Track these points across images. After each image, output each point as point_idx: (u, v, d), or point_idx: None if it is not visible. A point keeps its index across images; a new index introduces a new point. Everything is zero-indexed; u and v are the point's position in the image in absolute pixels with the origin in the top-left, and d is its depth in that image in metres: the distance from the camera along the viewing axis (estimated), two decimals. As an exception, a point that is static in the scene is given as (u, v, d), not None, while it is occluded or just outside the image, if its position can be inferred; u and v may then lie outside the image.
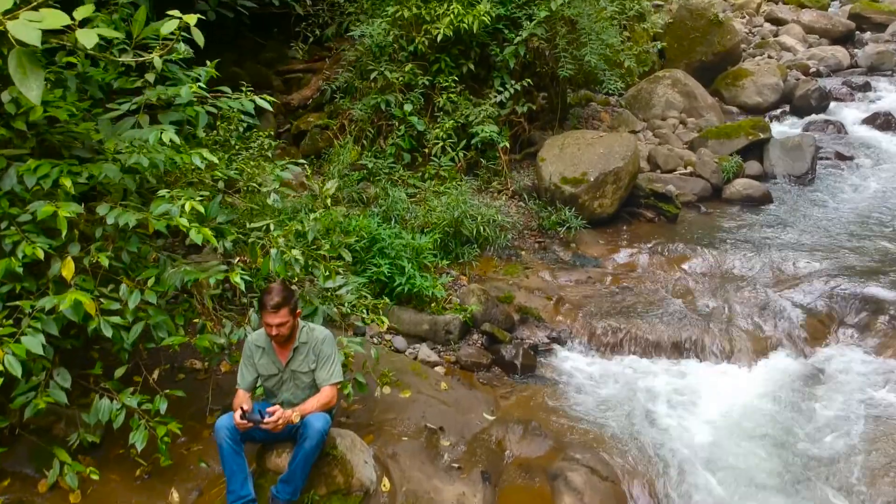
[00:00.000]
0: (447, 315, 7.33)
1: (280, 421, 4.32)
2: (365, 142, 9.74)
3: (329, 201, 7.02)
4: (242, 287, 4.84)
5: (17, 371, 4.18)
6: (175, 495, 4.85)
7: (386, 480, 5.18)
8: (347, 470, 4.86)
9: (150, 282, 4.88)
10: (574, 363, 7.48)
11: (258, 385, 4.77)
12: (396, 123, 9.73)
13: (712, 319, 7.88)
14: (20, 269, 4.52)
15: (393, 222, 8.12)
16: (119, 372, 4.87)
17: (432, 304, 7.33)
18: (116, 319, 4.67)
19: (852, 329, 7.92)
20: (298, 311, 4.59)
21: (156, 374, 5.09)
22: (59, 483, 4.65)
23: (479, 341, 7.35)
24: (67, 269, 4.62)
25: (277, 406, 4.37)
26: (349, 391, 5.41)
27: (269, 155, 6.85)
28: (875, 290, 8.42)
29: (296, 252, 5.15)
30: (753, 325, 7.86)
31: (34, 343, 4.29)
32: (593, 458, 5.83)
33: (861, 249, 9.27)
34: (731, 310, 8.06)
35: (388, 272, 7.23)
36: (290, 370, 4.63)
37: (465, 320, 7.34)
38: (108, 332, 4.63)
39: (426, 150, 9.75)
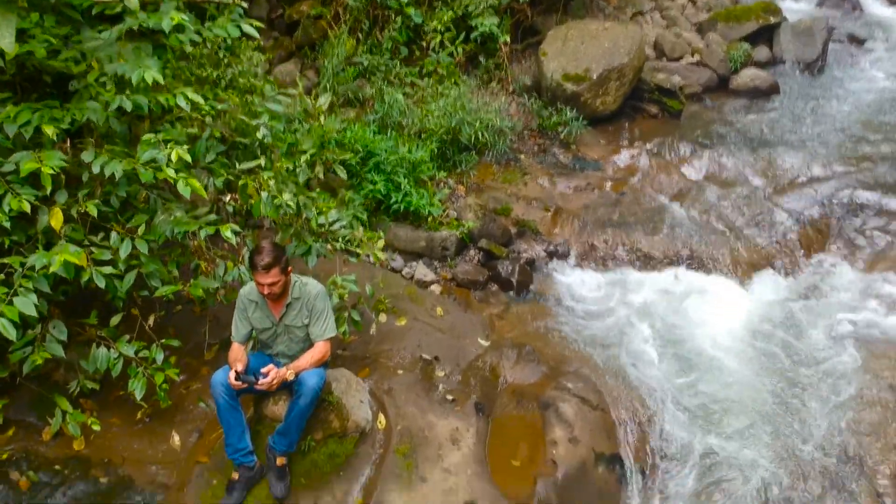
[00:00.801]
0: (444, 231, 7.30)
1: (275, 381, 4.38)
2: (360, 34, 9.34)
3: (323, 118, 6.82)
4: (234, 241, 4.78)
5: (12, 334, 4.20)
6: (176, 438, 5.00)
7: (382, 417, 5.32)
8: (343, 414, 4.98)
9: (141, 229, 4.82)
10: (570, 278, 7.52)
11: (252, 337, 4.80)
12: (392, 15, 9.30)
13: (709, 230, 7.86)
14: (7, 224, 4.44)
15: (389, 131, 7.91)
16: (115, 320, 4.90)
17: (429, 220, 7.28)
18: (109, 269, 4.64)
19: (848, 240, 7.90)
20: (290, 268, 4.55)
21: (151, 321, 5.11)
22: (63, 430, 4.76)
23: (476, 258, 7.35)
24: (56, 220, 4.55)
25: (271, 366, 4.42)
26: (345, 329, 5.45)
27: (259, 71, 6.58)
28: (874, 196, 8.35)
29: (287, 196, 5.06)
30: (749, 236, 7.84)
31: (27, 304, 4.28)
32: (585, 388, 5.96)
33: (864, 151, 9.11)
34: (728, 220, 8.02)
35: (385, 189, 7.12)
36: (283, 325, 4.66)
37: (461, 237, 7.31)
38: (101, 283, 4.62)
39: (424, 44, 9.36)
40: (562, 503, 5.24)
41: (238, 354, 4.54)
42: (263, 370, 4.32)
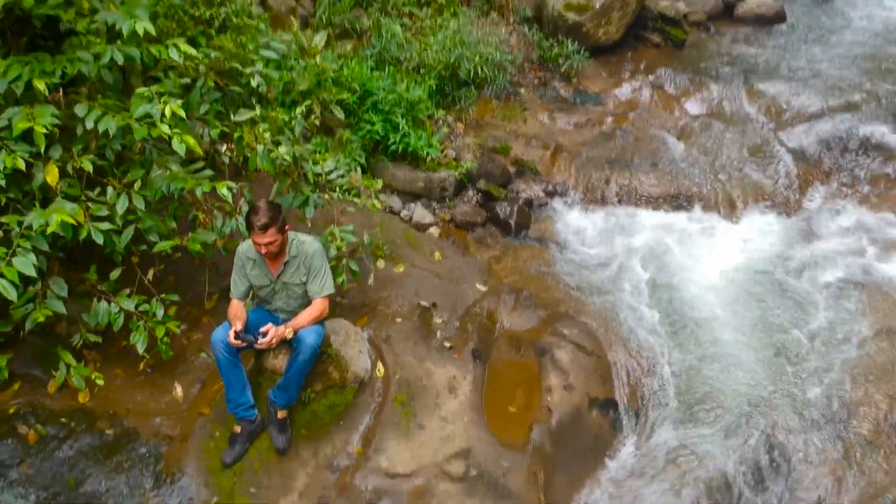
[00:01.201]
0: (442, 172, 7.27)
1: (274, 340, 4.44)
2: (357, -44, 9.06)
3: (318, 58, 6.72)
4: (230, 199, 4.77)
5: (13, 295, 4.24)
6: (178, 390, 5.10)
7: (380, 366, 5.41)
8: (342, 366, 5.07)
9: (137, 185, 4.80)
10: (569, 218, 7.53)
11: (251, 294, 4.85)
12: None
13: (708, 168, 7.83)
14: (2, 181, 4.43)
15: (387, 67, 7.77)
16: (114, 274, 4.93)
17: (428, 161, 7.23)
18: (106, 225, 4.65)
19: (849, 179, 7.87)
20: (287, 227, 4.56)
21: (150, 274, 5.14)
22: (68, 382, 4.85)
23: (475, 199, 7.34)
24: (52, 176, 4.54)
25: (270, 325, 4.47)
26: (343, 279, 5.49)
27: (254, 10, 6.44)
28: (880, 133, 8.27)
29: (283, 149, 5.03)
30: (749, 174, 7.82)
31: (26, 264, 4.30)
32: (580, 334, 6.04)
33: (871, 85, 8.96)
34: (729, 157, 7.98)
35: (383, 130, 7.05)
36: (281, 282, 4.69)
37: (460, 178, 7.29)
38: (100, 239, 4.64)
39: (423, -30, 9.11)
40: (556, 449, 5.36)
41: (237, 311, 4.59)
42: (262, 329, 4.38)
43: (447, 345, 5.73)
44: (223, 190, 4.68)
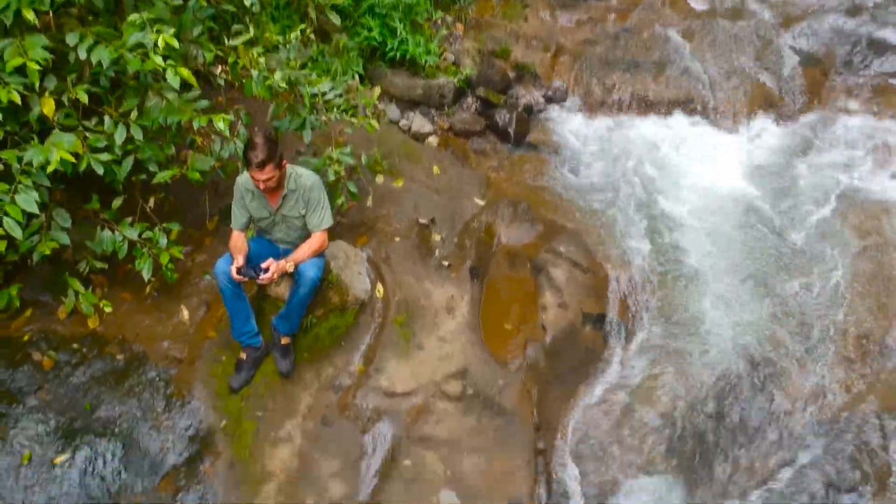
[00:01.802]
0: (441, 79, 7.18)
1: (275, 275, 4.56)
2: None
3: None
4: (227, 133, 4.77)
5: (18, 233, 4.33)
6: (184, 313, 5.27)
7: (380, 286, 5.56)
8: (342, 290, 5.22)
9: (133, 115, 4.80)
10: (568, 125, 7.49)
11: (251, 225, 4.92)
12: None
13: (711, 71, 7.74)
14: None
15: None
16: (116, 203, 4.99)
17: (426, 68, 7.13)
18: (105, 156, 4.69)
19: (855, 83, 7.76)
20: (284, 162, 4.58)
21: (151, 202, 5.21)
22: (77, 308, 5.01)
23: (474, 106, 7.29)
24: (48, 108, 4.54)
25: (271, 260, 4.58)
26: (342, 200, 5.56)
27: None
28: (888, 34, 8.06)
29: (278, 75, 4.98)
30: (753, 78, 7.73)
31: (28, 201, 4.37)
32: (576, 250, 6.15)
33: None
34: (733, 58, 7.85)
35: (380, 36, 6.92)
36: (281, 214, 4.76)
37: (459, 84, 7.22)
38: (100, 170, 4.68)
39: None
40: (550, 365, 5.58)
41: (238, 243, 4.68)
42: (263, 265, 4.48)
43: (445, 263, 5.85)
44: (219, 124, 4.67)
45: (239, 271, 4.46)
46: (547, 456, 5.27)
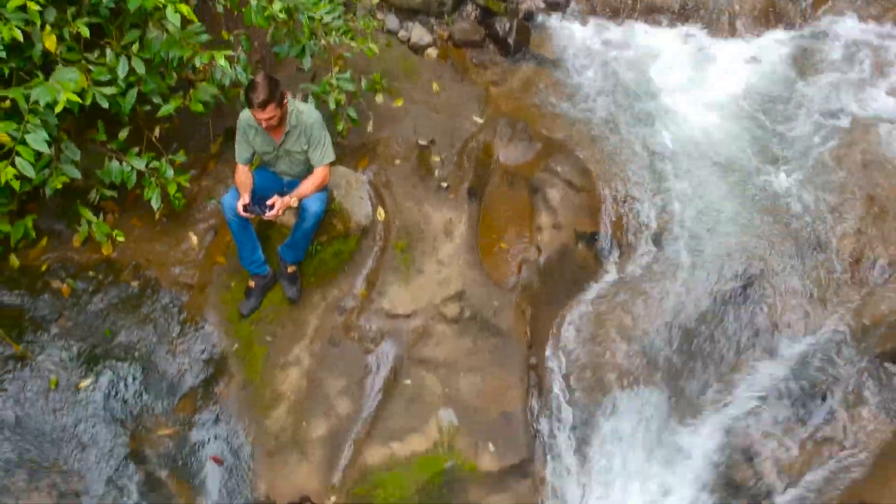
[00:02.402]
0: (440, -15, 7.09)
1: (280, 211, 4.76)
2: None
3: None
4: (228, 69, 4.85)
5: (31, 172, 4.52)
6: (193, 239, 5.49)
7: (381, 209, 5.76)
8: (345, 217, 5.43)
9: (135, 47, 4.87)
10: (569, 33, 7.44)
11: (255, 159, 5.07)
12: None
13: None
14: (3, 53, 4.53)
15: None
16: (122, 134, 5.13)
17: (425, -27, 7.03)
18: (110, 90, 4.80)
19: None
20: (285, 101, 4.68)
21: (157, 132, 5.33)
22: (91, 236, 5.24)
23: (473, 14, 7.23)
24: (50, 43, 4.61)
25: (276, 197, 4.76)
26: (342, 126, 5.68)
27: None
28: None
29: (277, 6, 5.01)
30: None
31: (38, 140, 4.51)
32: (572, 170, 6.30)
33: None
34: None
35: (376, -58, 6.79)
36: (284, 149, 4.90)
37: (458, -8, 7.12)
38: (105, 104, 4.81)
39: None
40: (544, 284, 5.86)
41: (243, 178, 4.85)
42: (269, 202, 4.67)
43: (444, 185, 6.01)
44: (221, 61, 4.74)
45: (245, 208, 4.66)
46: (539, 371, 5.62)
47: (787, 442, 5.54)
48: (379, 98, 6.08)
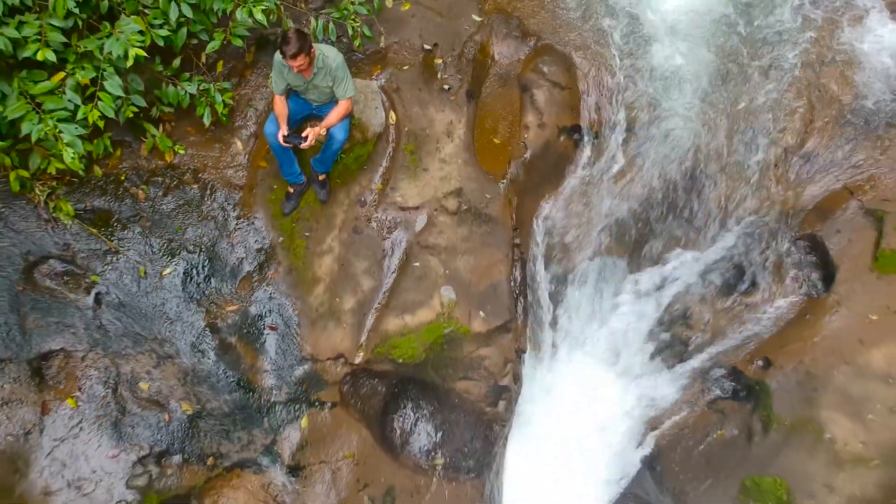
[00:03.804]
0: None
1: (313, 140, 5.92)
2: None
3: None
4: (265, 23, 5.79)
5: (111, 113, 5.64)
6: (238, 144, 6.65)
7: (392, 113, 6.87)
8: (364, 128, 6.55)
9: (185, -6, 5.80)
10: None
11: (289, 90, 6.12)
12: None
13: None
14: (76, 8, 5.51)
15: None
16: (176, 63, 6.13)
17: None
18: (164, 31, 5.81)
19: None
20: (313, 50, 5.66)
21: (203, 59, 6.33)
22: (156, 146, 6.42)
23: None
24: (113, -3, 5.58)
25: (309, 129, 5.86)
26: (359, 43, 6.66)
27: None
28: None
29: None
30: None
31: (114, 86, 5.59)
32: (558, 70, 7.30)
33: None
34: None
35: None
36: (312, 84, 5.93)
37: None
38: (160, 42, 5.85)
39: None
40: (528, 176, 7.10)
41: (280, 107, 5.92)
42: (304, 134, 5.82)
43: (446, 87, 7.06)
44: (259, 15, 5.70)
45: (285, 139, 5.82)
46: (522, 247, 7.01)
47: (716, 305, 7.03)
48: (389, 2, 6.93)
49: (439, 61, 7.05)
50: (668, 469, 6.74)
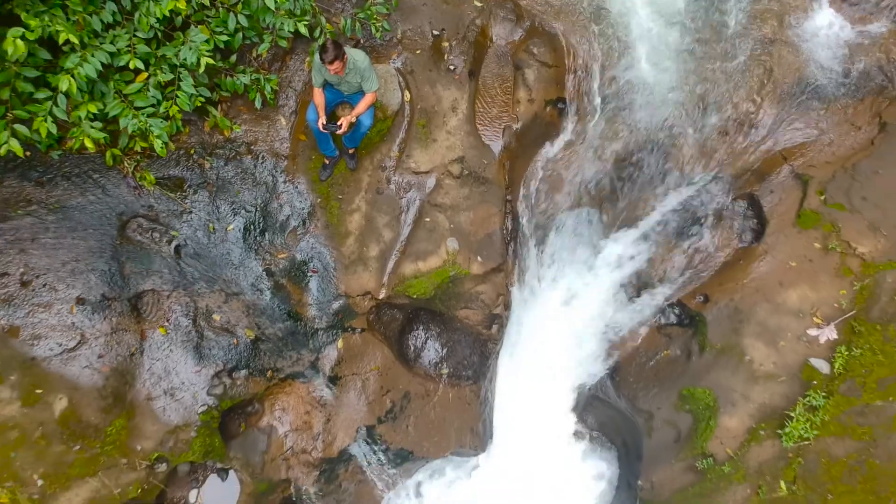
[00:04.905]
0: None
1: (346, 127, 7.47)
2: None
3: None
4: (308, 34, 7.23)
5: (187, 107, 7.16)
6: (282, 120, 8.19)
7: (407, 92, 8.38)
8: (384, 107, 8.04)
9: (239, 6, 7.24)
10: None
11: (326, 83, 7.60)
12: None
13: None
14: (157, 23, 6.97)
15: None
16: (232, 59, 7.63)
17: None
18: (224, 37, 7.21)
19: None
20: (345, 56, 7.11)
21: (254, 53, 7.79)
22: (217, 124, 7.97)
23: None
24: (181, 4, 7.02)
25: (343, 118, 7.41)
26: (379, 35, 8.09)
27: None
28: None
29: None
30: None
31: (188, 85, 7.07)
32: (546, 51, 8.70)
33: None
34: None
35: None
36: (345, 80, 7.43)
37: None
38: (221, 45, 7.33)
39: None
40: (519, 143, 8.61)
41: (319, 98, 7.43)
42: (339, 122, 7.38)
43: (451, 67, 8.51)
44: (302, 28, 7.16)
45: (324, 127, 7.38)
46: (512, 202, 8.63)
47: (673, 252, 8.69)
48: (402, -11, 8.28)
49: (446, 44, 8.46)
50: (624, 379, 8.59)
